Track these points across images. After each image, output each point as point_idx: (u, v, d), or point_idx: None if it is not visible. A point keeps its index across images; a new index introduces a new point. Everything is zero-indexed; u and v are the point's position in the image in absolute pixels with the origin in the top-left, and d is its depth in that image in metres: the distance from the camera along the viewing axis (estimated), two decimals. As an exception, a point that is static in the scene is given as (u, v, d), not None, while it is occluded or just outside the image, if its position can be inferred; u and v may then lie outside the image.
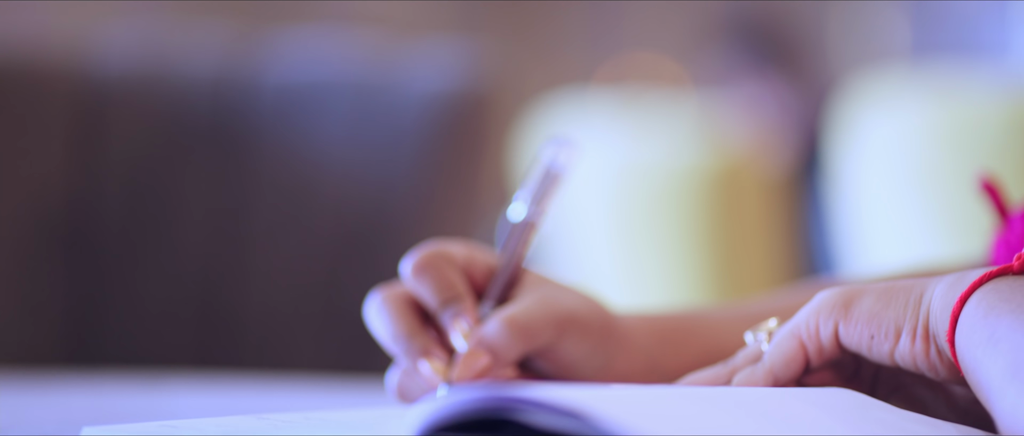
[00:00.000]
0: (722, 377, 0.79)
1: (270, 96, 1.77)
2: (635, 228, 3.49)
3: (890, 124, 2.65)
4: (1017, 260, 0.72)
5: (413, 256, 0.86)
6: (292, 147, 1.72)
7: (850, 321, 0.76)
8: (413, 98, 1.72)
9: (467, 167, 1.73)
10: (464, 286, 0.86)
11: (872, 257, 2.72)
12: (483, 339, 0.82)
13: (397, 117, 1.72)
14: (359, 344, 1.70)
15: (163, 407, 1.19)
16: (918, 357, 0.75)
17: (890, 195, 2.64)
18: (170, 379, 1.45)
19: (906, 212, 2.60)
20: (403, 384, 0.84)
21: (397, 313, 0.84)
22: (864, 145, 2.70)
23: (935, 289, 0.74)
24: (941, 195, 2.49)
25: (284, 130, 1.72)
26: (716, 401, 0.70)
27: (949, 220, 2.53)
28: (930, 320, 0.74)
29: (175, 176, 1.66)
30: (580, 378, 0.86)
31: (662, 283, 3.53)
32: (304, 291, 1.70)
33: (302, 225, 1.74)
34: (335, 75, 1.77)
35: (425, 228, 1.66)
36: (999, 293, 0.71)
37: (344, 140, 1.74)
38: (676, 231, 3.51)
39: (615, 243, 3.51)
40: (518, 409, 0.64)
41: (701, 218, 3.49)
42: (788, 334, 0.77)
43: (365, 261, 1.69)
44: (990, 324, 0.71)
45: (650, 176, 3.48)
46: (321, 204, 1.73)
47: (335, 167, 1.72)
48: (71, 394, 1.28)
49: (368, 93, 1.77)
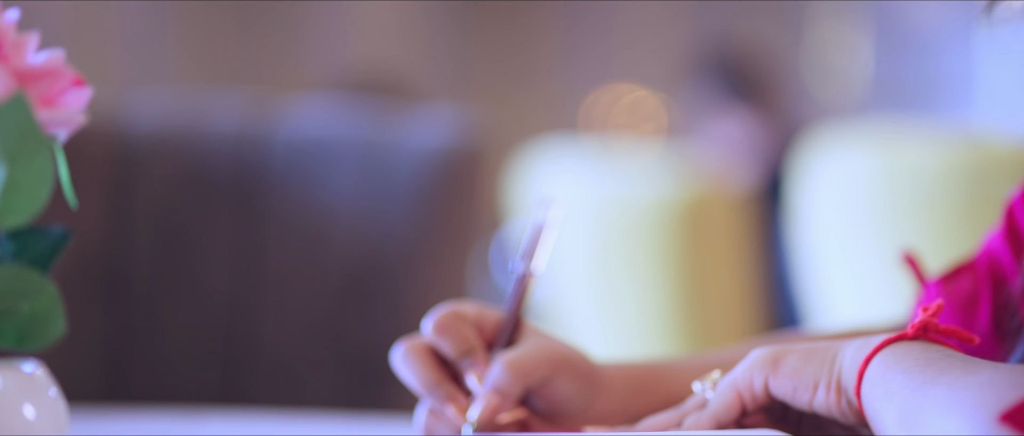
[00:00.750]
0: (674, 421, 0.96)
1: (283, 152, 1.90)
2: (612, 255, 3.61)
3: (839, 166, 2.77)
4: (911, 329, 0.89)
5: (433, 315, 1.03)
6: (303, 198, 1.86)
7: (778, 376, 0.91)
8: (411, 154, 1.86)
9: (460, 215, 1.87)
10: (476, 339, 1.02)
11: (824, 285, 2.86)
12: (492, 383, 1.00)
13: (397, 171, 1.86)
14: (362, 377, 1.86)
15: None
16: (832, 406, 0.90)
17: (839, 230, 2.77)
18: (197, 410, 1.59)
19: (853, 246, 2.73)
20: (429, 423, 1.01)
21: (422, 364, 1.01)
22: (817, 184, 2.84)
23: (846, 351, 0.89)
24: (883, 232, 2.61)
25: (296, 183, 1.86)
26: None
27: (889, 254, 2.65)
28: (842, 377, 0.89)
29: (199, 224, 1.79)
30: (568, 414, 1.04)
31: (637, 307, 3.65)
32: (314, 327, 1.84)
33: (312, 268, 1.87)
34: (341, 134, 1.91)
35: (423, 271, 1.80)
36: (895, 356, 0.86)
37: (350, 192, 1.87)
38: (649, 258, 3.62)
39: (594, 269, 3.63)
40: None
41: (672, 245, 3.59)
42: (728, 385, 0.93)
43: (369, 301, 1.83)
44: (886, 381, 0.86)
45: (625, 207, 3.59)
46: (329, 248, 1.87)
47: (342, 216, 1.86)
48: (110, 424, 1.43)
49: (371, 150, 1.90)
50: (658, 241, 3.63)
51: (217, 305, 1.79)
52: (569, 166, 3.80)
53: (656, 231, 3.62)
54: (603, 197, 3.64)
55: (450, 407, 1.00)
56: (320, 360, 1.83)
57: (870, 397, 0.87)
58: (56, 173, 0.75)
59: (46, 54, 0.75)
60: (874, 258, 2.60)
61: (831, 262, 2.82)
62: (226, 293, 1.80)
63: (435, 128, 1.90)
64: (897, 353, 0.87)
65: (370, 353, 1.81)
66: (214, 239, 1.82)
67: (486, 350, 1.03)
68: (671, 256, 3.62)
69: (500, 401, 0.99)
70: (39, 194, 0.73)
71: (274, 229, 1.82)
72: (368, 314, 1.82)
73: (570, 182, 3.65)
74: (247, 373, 1.80)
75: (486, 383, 1.00)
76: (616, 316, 3.65)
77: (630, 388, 1.03)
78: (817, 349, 0.91)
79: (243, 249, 1.82)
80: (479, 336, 1.03)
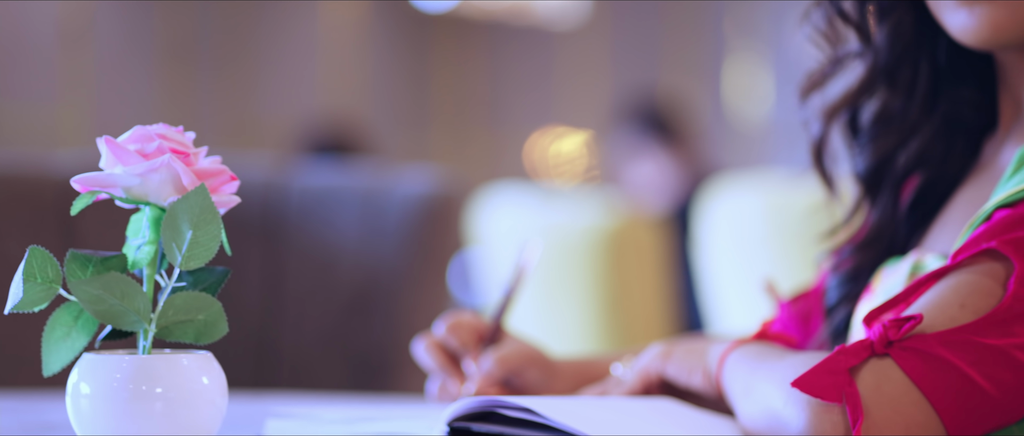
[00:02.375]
0: (600, 391, 1.41)
1: (299, 199, 2.33)
2: (552, 272, 4.02)
3: (733, 203, 3.18)
4: (751, 337, 1.35)
5: (445, 320, 1.48)
6: (316, 234, 2.29)
7: (671, 363, 1.35)
8: (400, 200, 2.29)
9: (438, 246, 2.31)
10: (472, 339, 1.47)
11: (721, 299, 3.26)
12: (483, 370, 1.46)
13: (388, 213, 2.28)
14: (364, 372, 2.28)
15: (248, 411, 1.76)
16: (704, 385, 1.32)
17: (732, 255, 3.18)
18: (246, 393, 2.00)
19: (743, 268, 3.15)
20: (441, 392, 1.47)
21: (437, 354, 1.47)
22: (715, 218, 3.23)
23: (713, 350, 1.32)
24: (765, 257, 3.02)
25: (311, 222, 2.29)
26: (602, 403, 1.32)
27: (769, 276, 3.04)
28: (709, 366, 1.32)
29: (235, 254, 2.22)
30: (533, 392, 1.48)
31: (573, 313, 4.04)
32: (326, 334, 2.27)
33: (324, 288, 2.30)
34: (345, 183, 2.34)
35: (410, 290, 2.24)
36: (741, 352, 1.28)
37: (353, 229, 2.30)
38: (582, 274, 4.02)
39: (538, 284, 4.02)
40: (500, 406, 1.20)
41: (600, 264, 4.00)
42: (640, 368, 1.37)
43: (369, 314, 2.26)
44: (734, 368, 1.25)
45: (562, 233, 3.99)
46: (337, 273, 2.29)
47: (346, 247, 2.29)
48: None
49: (368, 196, 2.32)
50: (589, 261, 4.00)
51: (250, 316, 2.23)
52: (516, 201, 4.21)
53: (587, 253, 3.99)
54: (543, 225, 4.04)
55: (455, 383, 1.45)
56: (330, 359, 2.27)
57: (725, 380, 1.27)
58: (220, 233, 1.19)
59: (212, 159, 1.19)
60: (758, 278, 2.99)
61: (726, 281, 3.22)
62: (257, 307, 2.25)
63: (417, 180, 2.32)
64: (742, 350, 1.28)
65: (370, 354, 2.23)
66: (247, 265, 2.25)
67: (478, 347, 1.48)
68: (599, 273, 4.00)
69: (487, 382, 1.45)
70: (211, 247, 1.16)
71: (293, 258, 2.26)
72: (368, 324, 2.26)
73: (517, 214, 4.05)
74: (273, 369, 2.24)
75: (478, 370, 1.45)
76: (557, 321, 4.04)
77: (574, 374, 1.49)
78: (695, 348, 1.36)
79: (269, 273, 2.26)
80: (474, 337, 1.48)
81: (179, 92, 7.28)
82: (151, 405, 1.11)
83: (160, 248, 1.14)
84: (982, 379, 1.12)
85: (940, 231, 1.39)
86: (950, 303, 1.15)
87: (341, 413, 1.39)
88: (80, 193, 1.18)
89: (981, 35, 1.30)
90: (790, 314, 1.53)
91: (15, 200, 2.17)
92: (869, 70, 1.42)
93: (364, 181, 2.34)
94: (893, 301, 1.19)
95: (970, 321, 1.14)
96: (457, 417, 1.19)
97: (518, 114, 8.39)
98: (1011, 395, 1.13)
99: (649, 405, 1.30)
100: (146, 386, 1.11)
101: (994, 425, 1.15)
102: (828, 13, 1.41)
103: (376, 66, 8.10)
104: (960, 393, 1.12)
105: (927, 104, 1.42)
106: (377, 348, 2.28)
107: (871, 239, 1.44)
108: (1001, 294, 1.15)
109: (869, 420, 1.11)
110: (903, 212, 1.45)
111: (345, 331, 2.32)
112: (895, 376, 1.12)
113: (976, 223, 1.23)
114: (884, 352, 1.13)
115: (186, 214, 1.13)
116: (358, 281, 2.32)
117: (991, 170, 1.38)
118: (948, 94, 1.43)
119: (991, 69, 1.41)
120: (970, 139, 1.43)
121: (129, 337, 1.15)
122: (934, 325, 1.14)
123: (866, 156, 1.44)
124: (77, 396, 1.12)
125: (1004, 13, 1.29)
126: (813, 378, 1.13)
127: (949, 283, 1.17)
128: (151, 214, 1.14)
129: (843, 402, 1.11)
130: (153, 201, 1.14)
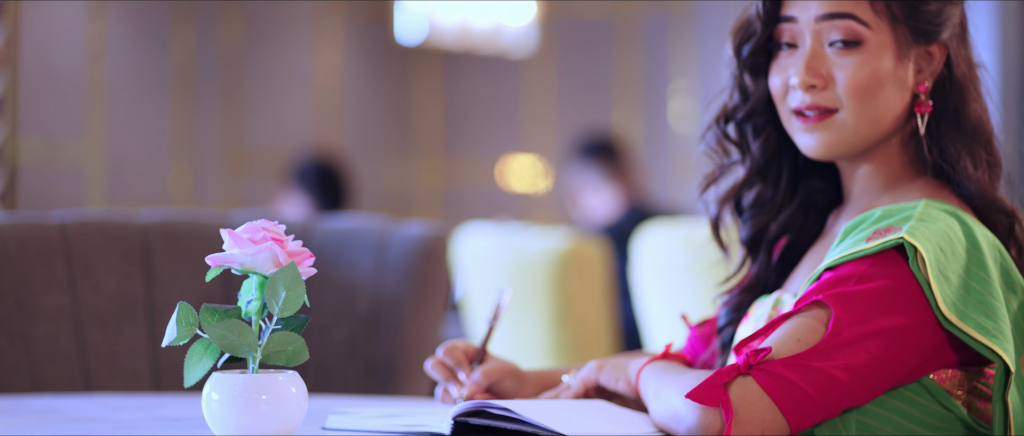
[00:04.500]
0: (554, 396, 1.94)
1: (321, 238, 2.78)
2: (515, 286, 4.41)
3: (660, 235, 3.61)
4: (659, 356, 1.92)
5: (444, 346, 2.04)
6: (336, 267, 2.72)
7: (602, 374, 1.89)
8: (405, 240, 2.74)
9: (432, 276, 2.73)
10: (464, 358, 2.01)
11: (652, 320, 3.66)
12: (473, 380, 2.03)
13: (396, 250, 2.72)
14: (377, 379, 2.69)
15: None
16: (627, 390, 1.86)
17: (659, 281, 3.60)
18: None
19: (669, 293, 3.56)
20: (444, 395, 2.03)
21: (440, 369, 2.02)
22: (646, 248, 3.66)
23: (633, 364, 1.86)
24: (687, 285, 3.45)
25: (332, 258, 2.72)
26: (556, 403, 1.85)
27: (682, 297, 3.47)
28: (630, 377, 1.85)
29: None
30: (508, 397, 2.01)
31: (530, 326, 4.44)
32: (346, 347, 2.70)
33: (345, 311, 2.71)
34: (361, 225, 2.78)
35: (414, 312, 2.68)
36: (653, 366, 1.83)
37: (368, 264, 2.73)
38: (538, 290, 4.44)
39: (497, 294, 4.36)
40: (488, 407, 1.82)
41: (554, 282, 4.41)
42: (581, 377, 1.92)
43: (381, 333, 2.68)
44: (646, 380, 1.81)
45: (522, 255, 4.42)
46: (355, 299, 2.71)
47: (362, 278, 2.73)
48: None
49: (380, 237, 2.75)
50: (545, 279, 4.40)
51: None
52: (485, 231, 4.60)
53: (544, 272, 4.40)
54: (504, 247, 4.44)
55: (454, 387, 2.03)
56: (350, 367, 2.71)
57: (641, 386, 1.84)
58: (304, 293, 1.75)
59: (297, 243, 1.78)
60: (681, 304, 3.40)
61: (656, 304, 3.65)
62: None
63: (415, 225, 2.78)
64: (652, 366, 1.85)
65: (381, 363, 2.68)
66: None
67: (469, 364, 2.05)
68: (554, 289, 4.39)
69: (476, 388, 2.02)
70: (297, 302, 1.73)
71: (315, 287, 2.67)
72: (379, 339, 2.70)
73: (485, 240, 4.47)
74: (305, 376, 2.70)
75: (470, 380, 2.03)
76: (517, 333, 4.44)
77: (537, 382, 2.04)
78: (620, 362, 1.91)
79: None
80: (466, 357, 2.06)
81: (181, 125, 7.67)
82: (258, 407, 1.66)
83: (263, 303, 1.69)
84: (811, 389, 1.69)
85: (796, 278, 1.97)
86: (790, 338, 1.72)
87: (380, 409, 1.97)
88: (211, 267, 1.73)
89: (817, 152, 1.91)
90: (697, 336, 2.11)
91: (109, 244, 2.68)
92: (747, 171, 2.02)
93: (373, 225, 2.78)
94: (756, 334, 1.75)
95: (802, 351, 1.70)
96: (458, 415, 1.76)
97: (482, 140, 8.77)
98: (830, 399, 1.70)
99: (588, 404, 1.87)
100: (255, 394, 1.66)
101: (818, 419, 1.71)
102: (717, 135, 2.01)
103: (358, 97, 8.46)
104: (795, 399, 1.68)
105: (789, 192, 2.02)
106: (386, 358, 2.72)
107: (751, 285, 2.04)
108: (824, 332, 1.71)
109: (736, 418, 1.66)
110: (774, 265, 2.04)
111: (361, 345, 2.75)
112: (754, 388, 1.68)
113: (812, 279, 1.79)
114: (747, 372, 1.69)
115: (281, 281, 1.68)
116: (371, 304, 2.75)
117: (829, 237, 1.97)
118: (804, 184, 2.02)
119: (834, 167, 2.01)
120: (820, 213, 2.03)
121: (242, 361, 1.70)
122: (779, 354, 1.70)
123: (747, 228, 2.03)
124: (209, 401, 1.68)
125: (832, 137, 1.90)
126: (701, 389, 1.68)
127: (791, 323, 1.74)
128: (258, 280, 1.70)
129: (719, 406, 1.67)
130: (259, 271, 1.69)
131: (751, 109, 1.98)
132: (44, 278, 2.61)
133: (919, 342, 1.73)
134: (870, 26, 1.86)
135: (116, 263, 2.68)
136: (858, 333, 1.70)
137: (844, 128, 1.88)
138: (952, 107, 1.90)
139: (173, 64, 7.58)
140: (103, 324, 2.66)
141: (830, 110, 1.88)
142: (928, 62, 1.90)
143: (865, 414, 1.75)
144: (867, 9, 1.87)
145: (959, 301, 1.74)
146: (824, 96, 1.88)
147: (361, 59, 8.57)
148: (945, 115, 1.90)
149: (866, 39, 1.86)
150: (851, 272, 1.74)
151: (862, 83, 1.87)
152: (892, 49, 1.87)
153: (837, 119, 1.88)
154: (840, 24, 1.87)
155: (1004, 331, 1.75)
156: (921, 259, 1.73)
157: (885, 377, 1.73)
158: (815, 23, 1.88)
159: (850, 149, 1.90)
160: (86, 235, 2.69)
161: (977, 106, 1.91)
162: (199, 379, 1.68)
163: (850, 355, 1.69)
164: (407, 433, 1.75)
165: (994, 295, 1.76)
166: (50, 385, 2.60)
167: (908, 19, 1.88)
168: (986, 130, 1.91)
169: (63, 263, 2.65)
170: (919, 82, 1.89)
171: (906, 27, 1.88)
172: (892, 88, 1.88)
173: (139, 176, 7.45)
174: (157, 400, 2.23)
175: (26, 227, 2.65)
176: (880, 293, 1.73)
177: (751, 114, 1.98)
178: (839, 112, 1.88)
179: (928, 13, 1.88)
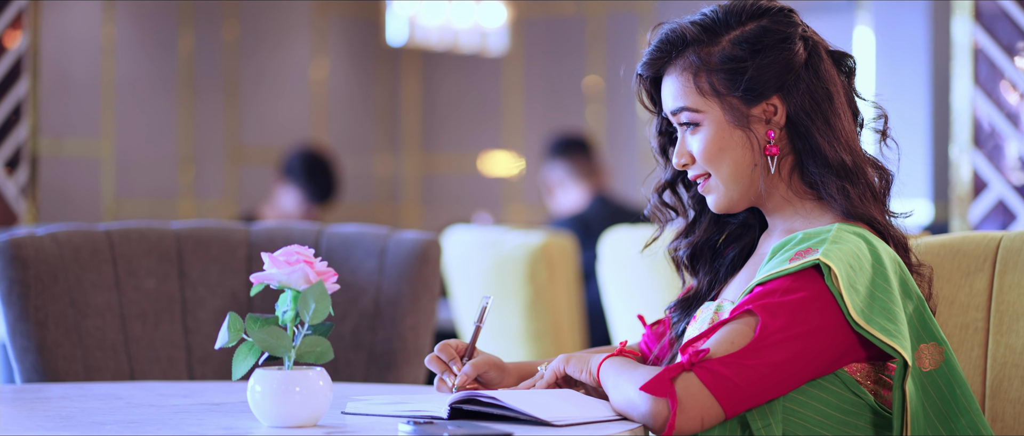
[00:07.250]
0: (531, 385, 2.28)
1: (328, 242, 3.04)
2: (493, 279, 4.58)
3: (622, 235, 3.81)
4: (615, 352, 2.26)
5: (441, 344, 2.37)
6: (343, 268, 2.98)
7: (569, 366, 2.21)
8: (403, 243, 2.99)
9: (426, 276, 2.98)
10: (456, 354, 2.32)
11: (613, 308, 3.82)
12: (463, 371, 2.38)
13: (396, 253, 2.97)
14: (379, 368, 2.95)
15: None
16: (590, 381, 2.18)
17: (620, 277, 3.78)
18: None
19: (629, 288, 3.75)
20: (440, 384, 2.34)
21: (437, 362, 2.33)
22: (609, 247, 3.85)
23: (595, 359, 2.18)
24: (648, 283, 3.66)
25: (338, 260, 2.99)
26: (531, 392, 2.17)
27: (643, 295, 3.65)
28: (593, 369, 2.17)
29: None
30: (493, 387, 2.31)
31: (510, 309, 4.58)
32: (352, 341, 2.96)
33: (350, 308, 2.99)
34: (364, 231, 3.04)
35: (411, 309, 2.94)
36: (611, 361, 2.15)
37: (371, 265, 2.98)
38: (514, 283, 4.58)
39: (481, 289, 4.58)
40: (478, 396, 2.14)
41: (528, 274, 4.54)
42: (552, 368, 2.23)
43: (383, 327, 2.94)
44: (606, 373, 2.12)
45: (500, 250, 4.57)
46: (359, 297, 2.97)
47: (366, 279, 2.98)
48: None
49: (382, 241, 3.01)
50: (520, 274, 4.53)
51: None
52: (467, 231, 4.73)
53: (519, 267, 4.53)
54: (484, 243, 4.59)
55: (449, 378, 2.38)
56: (355, 358, 2.98)
57: (602, 377, 2.14)
58: (329, 305, 2.13)
59: (323, 263, 2.18)
60: (644, 300, 3.68)
61: (619, 303, 3.85)
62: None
63: (411, 231, 3.03)
64: (611, 361, 2.16)
65: (382, 354, 2.96)
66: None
67: (460, 358, 2.36)
68: (528, 283, 4.52)
69: (466, 379, 2.35)
70: (325, 312, 2.09)
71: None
72: (380, 334, 2.97)
73: (467, 238, 4.62)
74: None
75: (461, 372, 2.34)
76: (498, 321, 4.60)
77: (517, 373, 2.35)
78: (584, 356, 2.22)
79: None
80: (457, 353, 2.36)
81: (186, 121, 7.78)
82: (293, 397, 2.02)
83: (297, 312, 2.06)
84: (742, 382, 2.04)
85: (734, 287, 2.33)
86: (726, 341, 2.07)
87: (389, 397, 2.36)
88: (254, 284, 2.12)
89: (715, 208, 2.28)
90: (651, 334, 2.44)
91: (149, 250, 3.02)
92: (686, 223, 2.38)
93: (374, 230, 3.03)
94: (697, 336, 2.10)
95: (736, 351, 2.05)
96: (453, 402, 2.12)
97: (464, 136, 8.80)
98: (758, 390, 2.05)
99: (559, 393, 2.21)
100: (290, 386, 2.02)
101: (748, 406, 2.05)
102: (656, 203, 2.37)
103: (348, 96, 8.52)
104: (730, 390, 2.03)
105: (721, 229, 2.39)
106: (386, 349, 2.96)
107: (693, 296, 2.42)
108: (753, 336, 2.06)
109: (681, 406, 2.01)
110: (718, 277, 2.41)
111: (365, 337, 2.97)
112: (695, 382, 2.03)
113: (746, 292, 2.14)
114: (690, 369, 2.04)
115: (312, 295, 2.04)
116: (373, 301, 2.97)
117: (760, 255, 2.35)
118: (733, 221, 2.39)
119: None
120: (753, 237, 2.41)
121: (279, 360, 2.05)
122: (717, 353, 2.05)
123: (686, 256, 2.39)
124: (253, 392, 2.04)
125: (717, 195, 2.26)
126: (652, 383, 2.03)
127: (727, 329, 2.08)
128: (292, 294, 2.07)
129: (667, 396, 2.02)
130: (293, 287, 2.05)
131: (674, 178, 2.35)
132: (94, 279, 2.94)
133: (833, 342, 2.08)
134: (701, 109, 2.20)
135: (155, 266, 3.01)
136: (782, 336, 2.04)
137: (719, 187, 2.24)
138: (807, 146, 2.21)
139: (180, 64, 7.72)
140: (144, 319, 2.98)
141: (706, 174, 2.24)
142: (773, 112, 2.20)
143: (790, 401, 2.09)
144: (695, 96, 2.20)
145: (866, 308, 2.07)
146: (696, 167, 2.24)
147: (350, 58, 8.65)
148: (806, 152, 2.20)
149: (702, 120, 2.21)
150: (777, 287, 2.08)
151: (709, 152, 2.21)
152: (727, 117, 2.20)
153: (712, 182, 2.24)
154: (682, 114, 2.23)
155: (903, 332, 2.09)
156: (834, 276, 2.06)
157: (805, 371, 2.07)
158: (673, 116, 2.25)
159: (738, 200, 2.24)
160: (129, 242, 3.01)
161: (829, 135, 2.18)
162: (244, 373, 2.05)
163: (775, 354, 2.03)
164: (413, 416, 2.09)
165: (895, 302, 2.10)
166: (100, 373, 2.93)
167: (731, 91, 2.19)
168: (844, 157, 2.17)
169: (110, 267, 2.98)
170: (767, 131, 2.22)
171: (732, 97, 2.20)
172: (738, 147, 2.20)
173: (148, 171, 7.59)
174: (198, 386, 2.55)
175: (78, 235, 2.98)
176: (800, 303, 2.06)
177: (675, 181, 2.35)
178: (711, 176, 2.24)
179: (746, 80, 2.18)
